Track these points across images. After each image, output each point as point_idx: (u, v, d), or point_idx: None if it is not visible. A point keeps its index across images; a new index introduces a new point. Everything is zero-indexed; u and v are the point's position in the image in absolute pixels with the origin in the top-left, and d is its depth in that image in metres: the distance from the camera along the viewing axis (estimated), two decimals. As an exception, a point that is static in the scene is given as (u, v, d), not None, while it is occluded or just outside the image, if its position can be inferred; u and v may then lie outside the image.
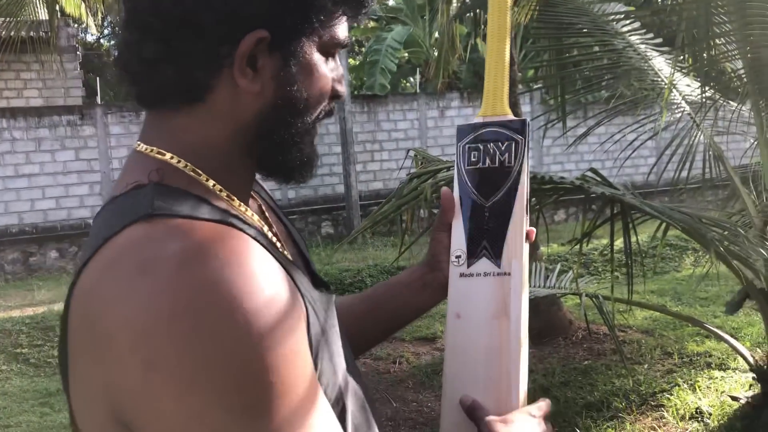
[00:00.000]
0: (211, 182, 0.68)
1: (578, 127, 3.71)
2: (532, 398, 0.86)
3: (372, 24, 14.79)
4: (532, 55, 9.85)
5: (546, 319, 4.70)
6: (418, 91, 12.07)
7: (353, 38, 15.94)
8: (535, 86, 5.96)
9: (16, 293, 7.46)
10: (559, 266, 4.10)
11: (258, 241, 0.63)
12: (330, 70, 0.73)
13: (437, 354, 4.63)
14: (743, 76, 2.92)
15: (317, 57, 0.70)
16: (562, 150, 10.03)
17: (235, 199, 0.70)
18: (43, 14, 6.15)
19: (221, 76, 0.66)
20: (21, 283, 8.16)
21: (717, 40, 2.85)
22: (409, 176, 3.16)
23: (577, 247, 2.87)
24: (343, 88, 0.76)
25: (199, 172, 0.68)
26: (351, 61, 14.27)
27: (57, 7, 6.70)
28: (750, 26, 2.58)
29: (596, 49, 3.49)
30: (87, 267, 0.60)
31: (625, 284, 2.91)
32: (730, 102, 3.34)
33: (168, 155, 0.68)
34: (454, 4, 7.25)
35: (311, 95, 0.71)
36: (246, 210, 0.71)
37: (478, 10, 5.43)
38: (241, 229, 0.63)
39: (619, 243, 2.81)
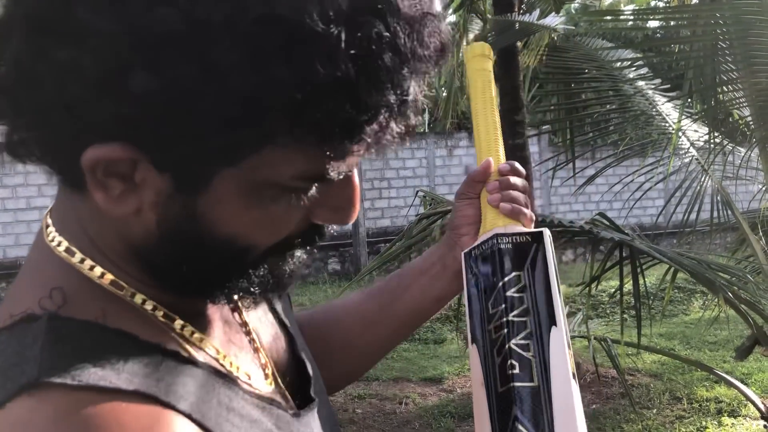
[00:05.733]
0: (138, 297, 0.48)
1: (587, 169, 3.73)
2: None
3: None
4: (538, 99, 9.96)
5: (554, 361, 4.65)
6: (426, 130, 12.17)
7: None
8: (544, 129, 6.01)
9: None
10: (567, 308, 4.09)
11: (189, 418, 0.44)
12: (300, 204, 0.47)
13: (444, 395, 4.59)
14: (751, 123, 2.95)
15: (255, 194, 0.45)
16: (570, 191, 10.06)
17: (177, 318, 0.50)
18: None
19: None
20: None
21: (724, 88, 2.88)
22: (418, 217, 3.17)
23: (586, 290, 2.87)
24: (331, 217, 0.51)
25: (122, 284, 0.48)
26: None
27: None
28: (757, 75, 2.62)
29: (609, 92, 3.53)
30: None
31: (634, 327, 2.90)
32: (739, 148, 3.36)
33: (78, 256, 0.47)
34: (463, 47, 7.38)
35: (245, 235, 0.47)
36: (192, 334, 0.50)
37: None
38: (171, 406, 0.44)
39: (628, 285, 2.81)
